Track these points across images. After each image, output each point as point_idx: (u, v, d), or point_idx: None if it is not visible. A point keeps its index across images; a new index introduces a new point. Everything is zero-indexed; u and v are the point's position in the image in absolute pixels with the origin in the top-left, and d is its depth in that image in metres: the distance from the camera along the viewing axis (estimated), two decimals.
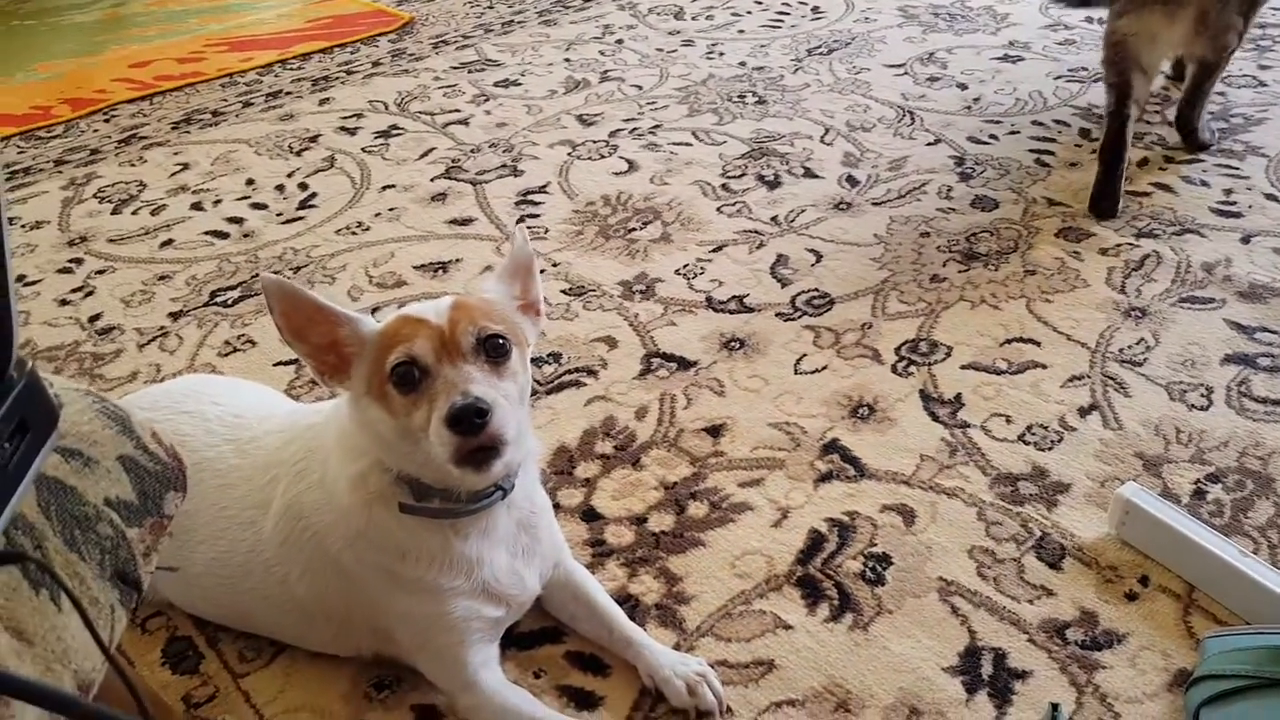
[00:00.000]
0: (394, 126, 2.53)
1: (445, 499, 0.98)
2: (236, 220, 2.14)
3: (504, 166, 2.29)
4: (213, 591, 1.14)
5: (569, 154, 2.33)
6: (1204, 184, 2.02)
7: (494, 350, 0.94)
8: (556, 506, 1.34)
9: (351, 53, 3.07)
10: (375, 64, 2.96)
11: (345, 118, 2.60)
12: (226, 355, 1.71)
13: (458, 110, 2.61)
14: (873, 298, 1.76)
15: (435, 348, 0.92)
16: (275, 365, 1.67)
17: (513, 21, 3.24)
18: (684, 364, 1.62)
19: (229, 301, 1.85)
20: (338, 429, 1.03)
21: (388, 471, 0.98)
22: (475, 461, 0.90)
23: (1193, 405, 1.46)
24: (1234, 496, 1.30)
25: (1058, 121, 2.31)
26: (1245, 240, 1.83)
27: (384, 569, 1.01)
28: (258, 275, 1.92)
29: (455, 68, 2.89)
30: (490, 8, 3.39)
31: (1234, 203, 1.95)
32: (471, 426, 0.87)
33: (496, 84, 2.76)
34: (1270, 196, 1.95)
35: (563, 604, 1.17)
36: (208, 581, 1.13)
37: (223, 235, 2.09)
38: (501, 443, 0.89)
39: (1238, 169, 2.06)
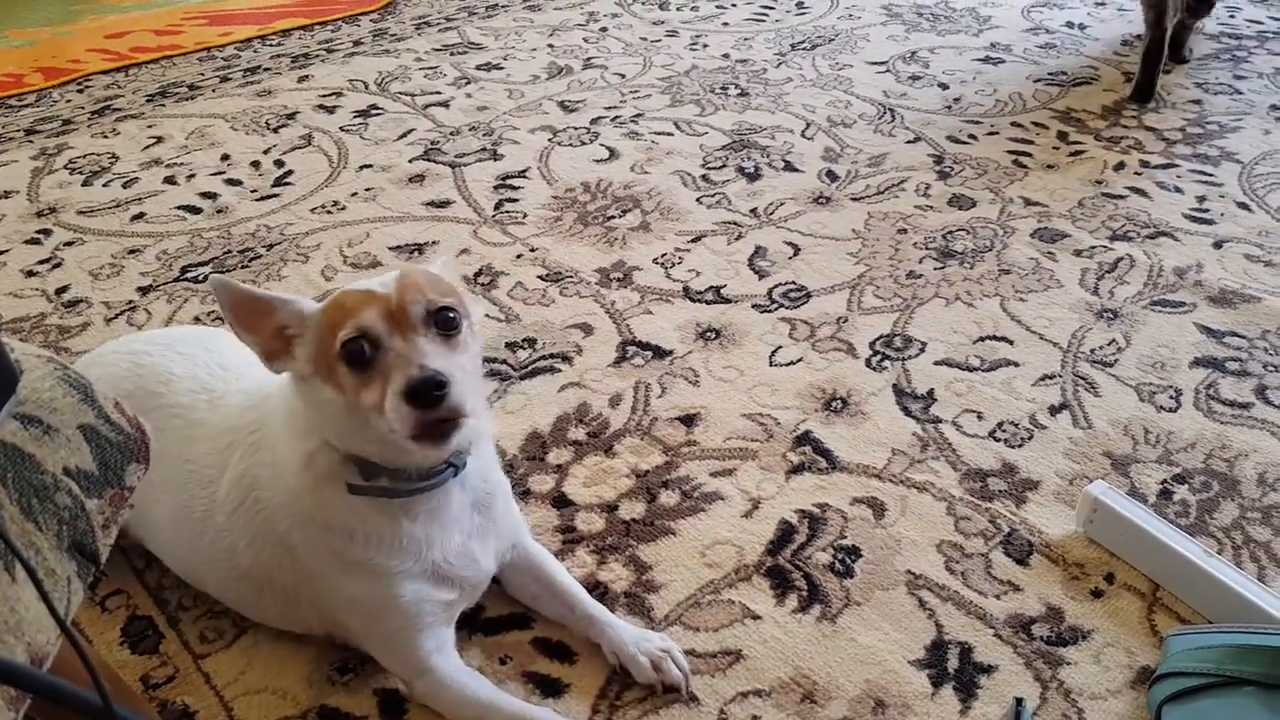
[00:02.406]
0: (373, 106, 2.50)
1: (394, 478, 0.96)
2: (210, 195, 2.11)
3: (484, 150, 2.27)
4: (171, 545, 1.14)
5: (549, 140, 2.32)
6: (1178, 190, 2.04)
7: (445, 323, 0.92)
8: (527, 492, 1.34)
9: (333, 31, 3.03)
10: (356, 43, 2.92)
11: (324, 96, 2.57)
12: None
13: (438, 92, 2.58)
14: (849, 292, 1.76)
15: (385, 319, 0.89)
16: None
17: (496, 5, 3.21)
18: (659, 353, 1.61)
19: (200, 278, 1.82)
20: (285, 407, 1.01)
21: (335, 451, 0.96)
22: (433, 435, 0.88)
23: (1161, 407, 1.47)
24: (1200, 497, 1.32)
25: (1036, 124, 2.33)
26: (1217, 246, 1.85)
27: (332, 551, 1.00)
28: (229, 252, 1.89)
29: (437, 49, 2.86)
30: None
31: (1207, 209, 1.97)
32: (430, 400, 0.85)
33: (479, 67, 2.74)
34: (1242, 205, 1.98)
35: (523, 585, 1.16)
36: (167, 534, 1.13)
37: (195, 210, 2.05)
38: (461, 415, 0.88)
39: (1212, 175, 2.09)
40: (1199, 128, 2.29)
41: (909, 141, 2.27)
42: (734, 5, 3.14)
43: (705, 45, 2.84)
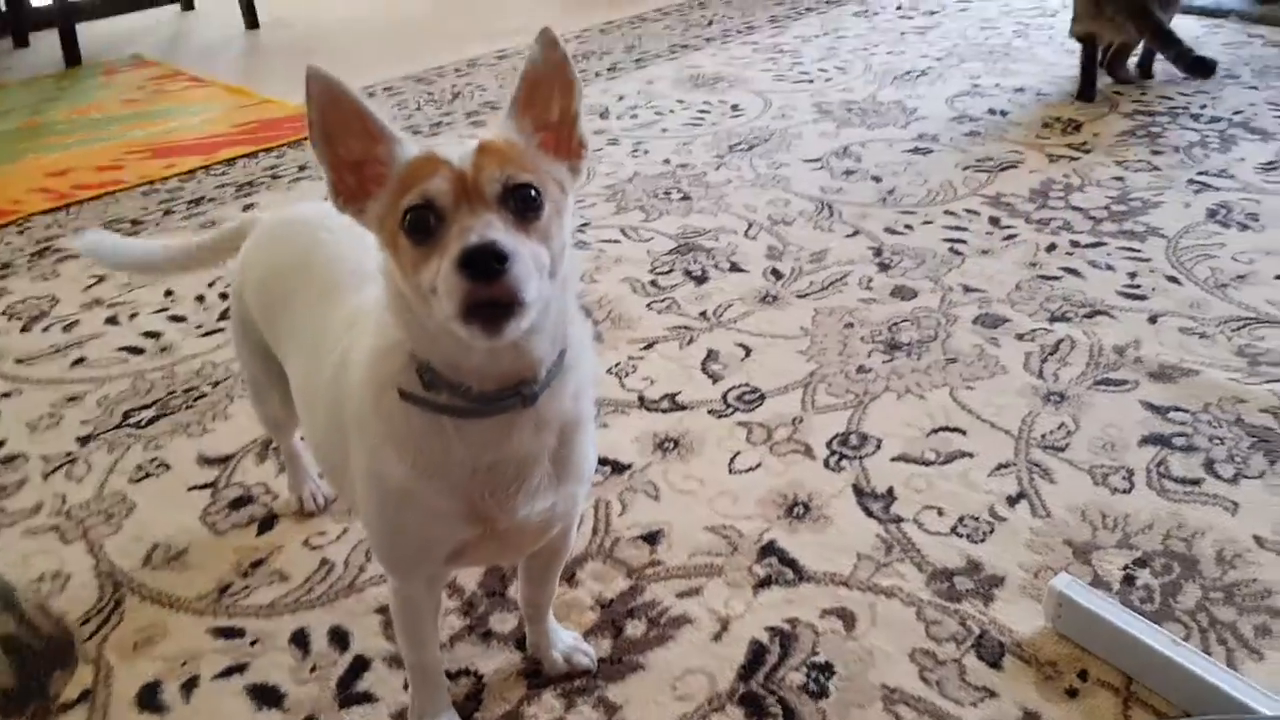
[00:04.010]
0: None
1: (454, 394, 0.86)
2: (153, 334, 2.08)
3: None
4: (298, 393, 1.18)
5: None
6: (1109, 267, 2.10)
7: (524, 202, 0.80)
8: (489, 633, 1.30)
9: (278, 157, 3.06)
10: (301, 168, 2.95)
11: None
12: (139, 481, 1.63)
13: None
14: (802, 391, 1.77)
15: (455, 191, 0.78)
16: (190, 490, 1.60)
17: (441, 123, 3.27)
18: (618, 468, 1.60)
19: (142, 422, 1.78)
20: (384, 292, 0.90)
21: (404, 354, 0.87)
22: (485, 318, 0.75)
23: (1115, 489, 1.49)
24: (1162, 581, 1.32)
25: (968, 210, 2.40)
26: (1152, 320, 1.90)
27: (375, 456, 0.93)
28: (174, 393, 1.86)
29: None
30: (419, 109, 3.43)
31: (1139, 285, 2.03)
32: (485, 270, 0.73)
33: None
34: (1172, 278, 2.04)
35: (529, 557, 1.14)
36: (298, 381, 1.17)
37: (138, 351, 2.02)
38: (520, 299, 0.75)
39: (1140, 250, 2.16)
40: (1123, 205, 2.38)
41: (848, 235, 2.33)
42: (672, 111, 3.24)
43: (646, 152, 2.92)
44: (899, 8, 4.23)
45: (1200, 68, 2.98)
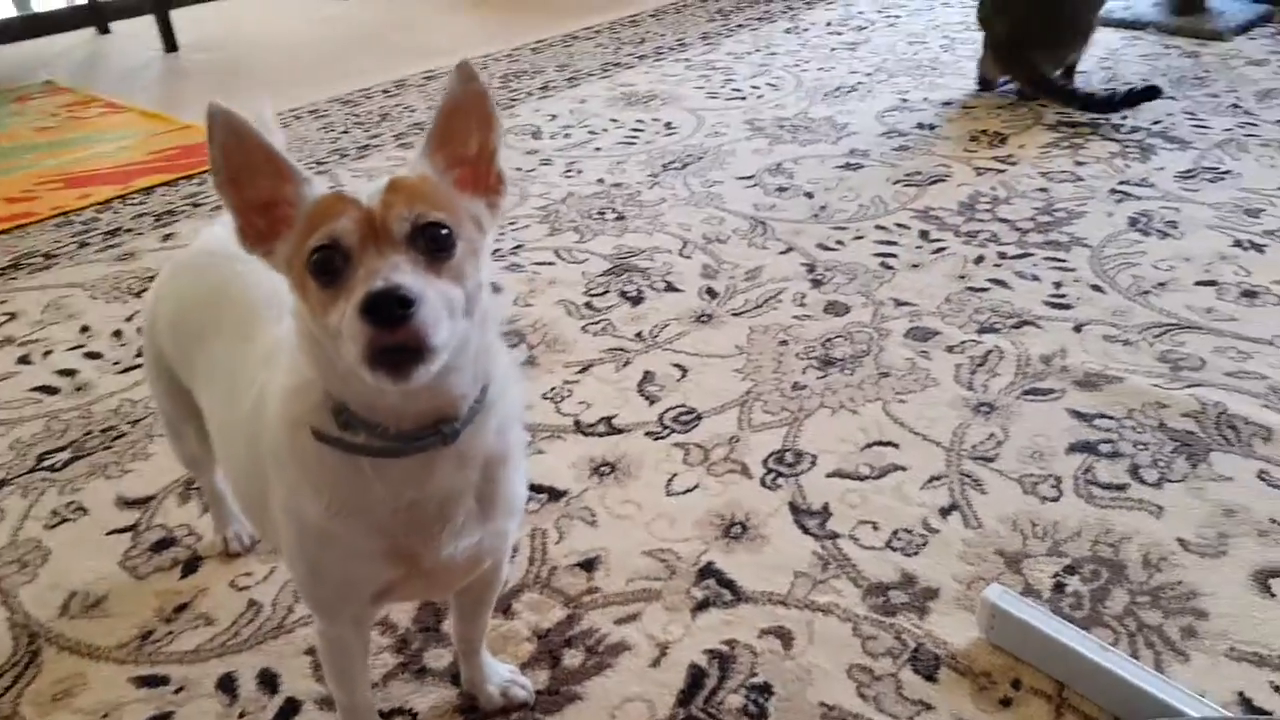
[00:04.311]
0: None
1: (370, 434, 0.83)
2: (69, 373, 2.00)
3: None
4: (217, 426, 1.14)
5: None
6: (1035, 278, 2.15)
7: (434, 242, 0.77)
8: (423, 670, 1.27)
9: (198, 184, 2.98)
10: None
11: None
12: (54, 527, 1.56)
13: None
14: (738, 410, 1.77)
15: (362, 231, 0.76)
16: (108, 534, 1.54)
17: (369, 146, 3.23)
18: (554, 494, 1.58)
19: (57, 465, 1.71)
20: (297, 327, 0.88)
21: (319, 390, 0.84)
22: (391, 363, 0.73)
23: (1045, 497, 1.51)
24: (1091, 587, 1.34)
25: (899, 225, 2.44)
26: (1077, 329, 1.94)
27: (293, 496, 0.91)
28: (91, 433, 1.79)
29: None
30: (345, 132, 3.38)
31: (1064, 294, 2.08)
32: (389, 316, 0.71)
33: None
34: (1096, 287, 2.10)
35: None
36: (218, 417, 1.12)
37: (52, 391, 1.94)
38: (427, 344, 0.73)
39: (1065, 260, 2.22)
40: (1048, 215, 2.44)
41: (782, 252, 2.34)
42: (605, 130, 3.24)
43: (580, 172, 2.91)
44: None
45: (1102, 105, 2.99)
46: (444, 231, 0.78)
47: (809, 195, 2.65)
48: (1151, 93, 2.93)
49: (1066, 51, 3.17)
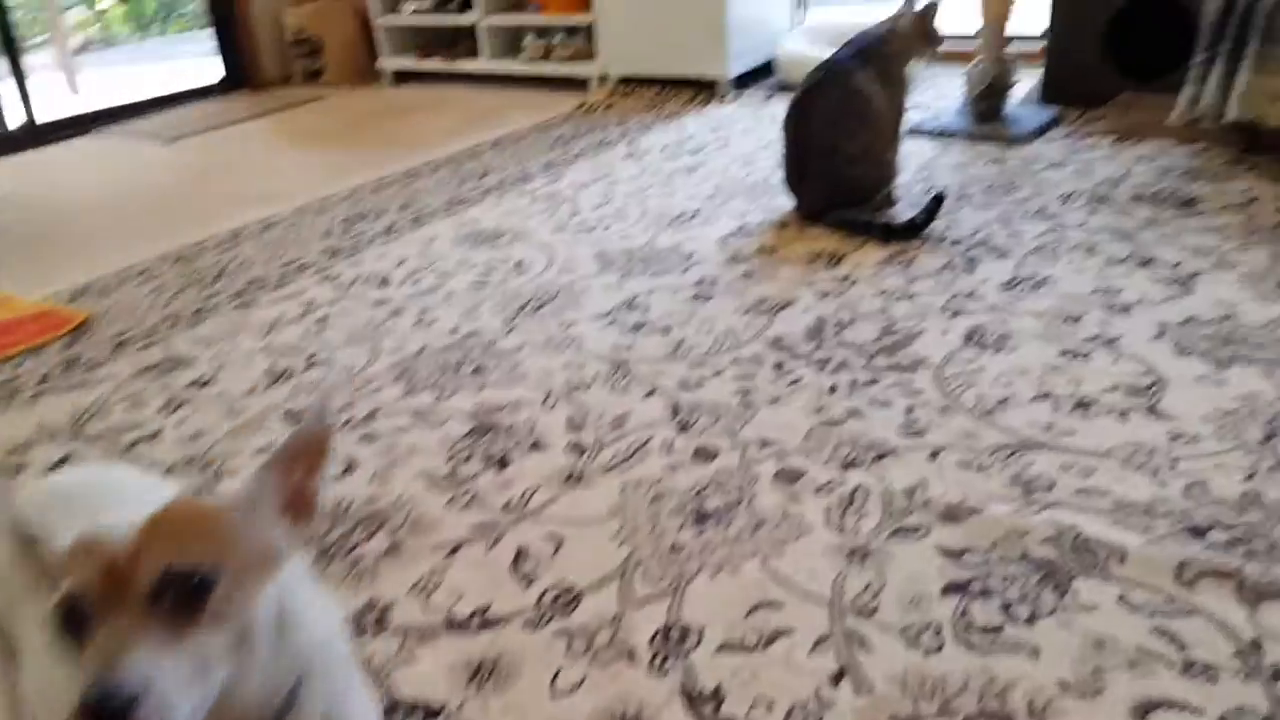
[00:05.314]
0: (68, 456, 2.24)
1: None
2: None
3: (200, 490, 2.08)
4: None
5: None
6: (886, 404, 2.22)
7: (182, 596, 0.72)
8: None
9: (15, 367, 2.74)
10: (43, 379, 2.65)
11: (9, 452, 2.28)
12: None
13: (140, 425, 2.37)
14: (618, 582, 1.72)
15: (103, 584, 0.70)
16: None
17: (203, 310, 3.06)
18: (430, 713, 1.47)
19: None
20: None
21: None
22: None
23: (928, 649, 1.52)
24: None
25: (754, 357, 2.49)
26: (933, 457, 2.01)
27: None
28: None
29: (140, 372, 2.65)
30: (179, 294, 3.20)
31: (916, 419, 2.15)
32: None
33: (189, 385, 2.56)
34: (944, 409, 2.18)
35: None
36: None
37: None
38: None
39: (911, 382, 2.30)
40: (890, 336, 2.54)
41: (645, 396, 2.34)
42: (455, 273, 3.20)
43: (433, 321, 2.85)
44: None
45: (904, 232, 3.14)
46: (197, 580, 0.73)
47: (665, 330, 2.67)
48: (939, 200, 3.12)
49: (856, 205, 3.32)
